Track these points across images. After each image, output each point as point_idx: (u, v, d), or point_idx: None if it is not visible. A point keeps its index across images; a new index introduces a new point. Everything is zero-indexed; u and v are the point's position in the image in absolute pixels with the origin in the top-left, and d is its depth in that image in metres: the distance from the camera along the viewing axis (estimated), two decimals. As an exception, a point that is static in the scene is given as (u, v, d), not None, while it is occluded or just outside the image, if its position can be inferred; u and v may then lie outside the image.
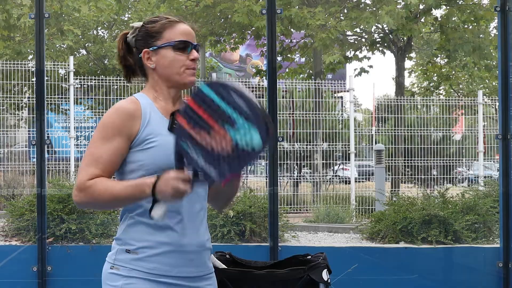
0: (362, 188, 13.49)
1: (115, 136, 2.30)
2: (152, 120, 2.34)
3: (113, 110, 2.35)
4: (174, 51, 2.38)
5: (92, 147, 2.32)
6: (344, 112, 14.44)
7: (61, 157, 13.04)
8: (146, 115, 2.34)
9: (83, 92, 14.01)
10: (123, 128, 2.31)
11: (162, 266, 2.32)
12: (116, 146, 2.30)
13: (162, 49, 2.38)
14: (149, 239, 2.32)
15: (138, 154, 2.32)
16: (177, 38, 2.38)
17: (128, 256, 2.32)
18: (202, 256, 2.41)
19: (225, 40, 14.92)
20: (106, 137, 2.31)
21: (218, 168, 2.05)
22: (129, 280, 2.31)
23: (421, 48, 20.09)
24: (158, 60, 2.39)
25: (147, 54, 2.39)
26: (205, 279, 2.42)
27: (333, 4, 13.25)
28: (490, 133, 13.17)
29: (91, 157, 2.30)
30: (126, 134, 2.31)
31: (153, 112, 2.36)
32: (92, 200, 2.28)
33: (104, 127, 2.32)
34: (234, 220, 7.01)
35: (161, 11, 14.69)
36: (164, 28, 2.40)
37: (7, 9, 13.15)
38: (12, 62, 11.99)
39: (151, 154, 2.31)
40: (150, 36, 2.40)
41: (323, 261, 3.18)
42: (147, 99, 2.38)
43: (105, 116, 2.35)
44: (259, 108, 2.03)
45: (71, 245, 5.64)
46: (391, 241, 7.13)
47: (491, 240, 6.93)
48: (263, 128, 2.01)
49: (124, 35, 2.47)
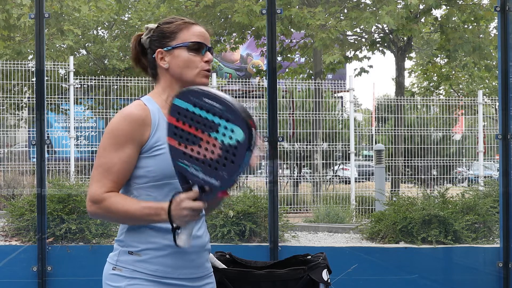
0: (362, 188, 13.49)
1: (127, 143, 2.28)
2: (160, 127, 2.32)
3: (122, 117, 2.30)
4: (189, 52, 2.37)
5: (104, 157, 2.28)
6: (344, 112, 14.45)
7: (61, 157, 13.04)
8: (156, 122, 2.32)
9: (83, 92, 14.02)
10: (134, 136, 2.28)
11: (165, 268, 2.32)
12: (129, 154, 2.28)
13: (176, 49, 2.37)
14: (152, 241, 2.32)
15: (146, 160, 2.31)
16: (191, 39, 2.38)
17: (131, 257, 2.33)
18: (202, 257, 2.42)
19: (225, 40, 14.92)
20: (117, 146, 2.27)
21: (218, 176, 2.04)
22: (133, 281, 2.31)
23: (421, 48, 20.09)
24: (172, 60, 2.37)
25: (160, 54, 2.38)
26: (205, 279, 2.44)
27: (333, 4, 13.25)
28: (490, 133, 13.18)
29: (104, 167, 2.27)
30: (138, 141, 2.29)
31: (161, 118, 2.33)
32: (107, 214, 2.27)
33: (115, 135, 2.28)
34: (234, 220, 7.01)
35: (161, 11, 14.70)
36: (180, 29, 2.39)
37: (7, 9, 13.15)
38: (12, 62, 12.00)
39: (158, 161, 2.30)
40: (165, 36, 2.39)
41: (323, 261, 3.18)
42: (155, 105, 2.36)
43: (114, 123, 2.30)
44: (232, 103, 2.02)
45: (71, 245, 5.64)
46: (391, 241, 7.13)
47: (491, 240, 6.93)
48: (240, 119, 2.00)
49: (138, 37, 2.47)
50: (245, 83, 15.93)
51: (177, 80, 2.38)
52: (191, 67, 2.37)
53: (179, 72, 2.37)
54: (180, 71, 2.37)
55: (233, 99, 2.03)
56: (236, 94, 15.12)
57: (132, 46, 2.48)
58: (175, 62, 2.37)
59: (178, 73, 2.38)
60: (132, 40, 2.48)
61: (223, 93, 2.05)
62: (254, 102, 15.30)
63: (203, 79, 2.39)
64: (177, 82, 2.39)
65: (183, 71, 2.37)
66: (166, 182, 2.29)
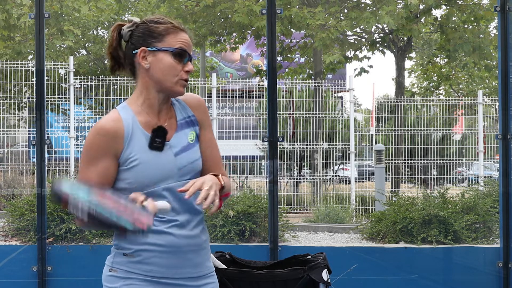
0: (362, 188, 13.49)
1: (102, 157, 2.30)
2: (134, 138, 2.32)
3: (95, 132, 2.31)
4: (173, 58, 2.35)
5: (82, 172, 2.32)
6: (344, 112, 14.45)
7: (61, 157, 13.05)
8: (129, 133, 2.32)
9: (83, 92, 14.02)
10: (108, 149, 2.30)
11: (159, 268, 2.33)
12: (104, 166, 2.30)
13: (161, 52, 2.34)
14: (145, 241, 2.32)
15: (124, 173, 2.32)
16: (177, 45, 2.35)
17: (125, 259, 2.34)
18: (201, 256, 2.41)
19: (225, 40, 14.93)
20: (93, 161, 2.30)
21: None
22: (128, 281, 2.33)
23: (421, 48, 20.09)
24: (154, 62, 2.34)
25: (143, 53, 2.35)
26: (205, 278, 2.43)
27: (333, 4, 13.25)
28: (490, 133, 13.18)
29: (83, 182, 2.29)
30: (113, 153, 2.31)
31: (135, 127, 2.33)
32: (91, 226, 2.25)
33: (89, 150, 2.31)
34: (234, 220, 7.01)
35: (161, 11, 14.69)
36: (168, 32, 2.36)
37: (7, 9, 13.16)
38: (12, 62, 11.99)
39: (134, 173, 2.31)
40: (151, 35, 2.36)
41: (323, 261, 3.18)
42: (130, 113, 2.35)
43: (88, 138, 2.32)
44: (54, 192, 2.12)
45: (71, 245, 5.63)
46: (391, 241, 7.12)
47: (491, 240, 6.93)
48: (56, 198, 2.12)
49: (119, 26, 2.42)
50: (245, 83, 15.94)
51: (154, 83, 2.36)
52: (172, 74, 2.34)
53: (159, 77, 2.35)
54: (160, 75, 2.34)
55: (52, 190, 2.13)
56: (236, 94, 15.10)
57: (112, 35, 2.42)
58: (158, 65, 2.34)
59: (157, 77, 2.35)
60: (112, 28, 2.43)
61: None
62: (254, 102, 15.30)
63: (181, 88, 2.37)
64: (154, 86, 2.36)
65: (163, 77, 2.34)
66: (149, 191, 2.30)
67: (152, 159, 2.30)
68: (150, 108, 2.37)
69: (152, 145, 2.32)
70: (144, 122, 2.35)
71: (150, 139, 2.33)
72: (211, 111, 11.93)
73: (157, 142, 2.33)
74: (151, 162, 2.30)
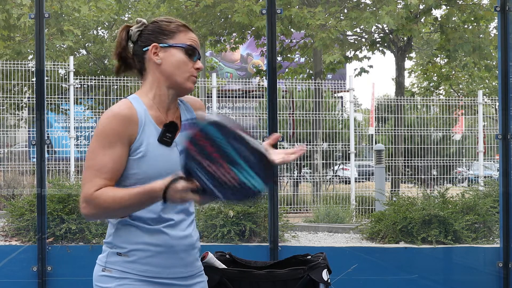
0: (362, 188, 13.49)
1: (117, 142, 2.27)
2: (146, 128, 2.33)
3: (110, 116, 2.29)
4: (184, 54, 2.39)
5: (94, 157, 2.27)
6: (344, 112, 14.45)
7: (61, 157, 13.04)
8: (142, 122, 2.32)
9: (83, 92, 14.02)
10: (124, 134, 2.28)
11: (154, 268, 2.34)
12: (119, 152, 2.28)
13: (173, 48, 2.38)
14: (139, 241, 2.33)
15: (131, 163, 2.31)
16: (188, 43, 2.40)
17: (120, 258, 2.34)
18: (191, 256, 2.43)
19: (225, 40, 14.92)
20: (107, 145, 2.27)
21: (223, 191, 2.06)
22: (123, 281, 2.33)
23: (421, 48, 20.08)
24: (166, 57, 2.37)
25: (155, 49, 2.38)
26: (195, 277, 2.45)
27: (333, 4, 13.25)
28: (490, 133, 13.18)
29: (96, 167, 2.27)
30: (127, 139, 2.29)
31: (147, 119, 2.34)
32: (101, 211, 2.25)
33: (104, 134, 2.27)
34: (234, 220, 7.01)
35: (161, 11, 14.70)
36: (179, 30, 2.40)
37: (7, 9, 13.15)
38: (12, 62, 11.99)
39: (141, 164, 2.30)
40: (162, 33, 2.39)
41: (323, 261, 3.18)
42: (142, 105, 2.36)
43: (102, 123, 2.29)
44: (260, 153, 2.06)
45: (71, 245, 5.64)
46: (391, 241, 7.12)
47: (491, 240, 6.93)
48: (263, 172, 2.05)
49: (127, 27, 2.45)
50: (245, 83, 15.94)
51: (166, 78, 2.38)
52: (183, 69, 2.38)
53: (171, 71, 2.37)
54: (172, 70, 2.37)
55: (262, 151, 2.06)
56: (236, 94, 15.11)
57: (120, 35, 2.44)
58: (170, 60, 2.37)
59: (169, 72, 2.38)
60: (120, 29, 2.45)
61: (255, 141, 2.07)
62: (254, 102, 15.30)
63: (191, 84, 2.40)
64: (165, 81, 2.39)
65: (175, 71, 2.37)
66: None
67: (160, 153, 2.31)
68: (161, 104, 2.39)
69: (162, 139, 2.32)
70: (155, 117, 2.36)
71: (161, 132, 2.33)
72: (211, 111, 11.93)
73: (167, 137, 2.34)
74: (160, 155, 2.30)
